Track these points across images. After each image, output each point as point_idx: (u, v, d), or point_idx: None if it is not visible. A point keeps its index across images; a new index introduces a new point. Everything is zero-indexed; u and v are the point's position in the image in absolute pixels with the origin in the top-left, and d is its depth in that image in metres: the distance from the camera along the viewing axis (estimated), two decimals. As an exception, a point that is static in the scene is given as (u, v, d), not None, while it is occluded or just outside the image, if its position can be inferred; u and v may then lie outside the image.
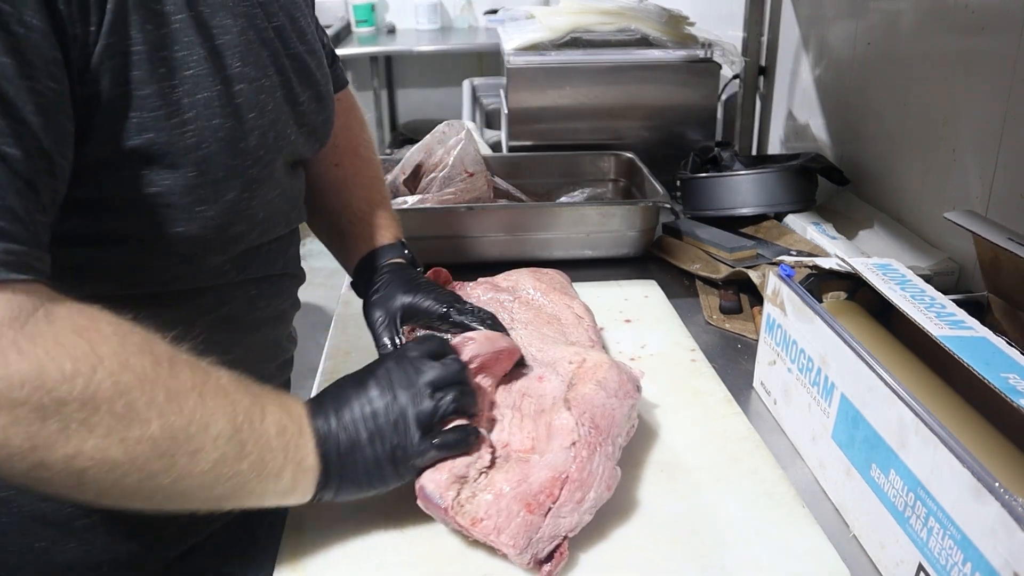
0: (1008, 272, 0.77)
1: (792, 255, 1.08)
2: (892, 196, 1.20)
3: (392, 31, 3.88)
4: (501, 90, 1.70)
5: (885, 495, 0.61)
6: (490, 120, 2.09)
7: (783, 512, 0.67)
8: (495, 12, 1.98)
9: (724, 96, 1.69)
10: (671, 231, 1.26)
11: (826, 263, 0.80)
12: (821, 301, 0.82)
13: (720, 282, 1.10)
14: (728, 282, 1.09)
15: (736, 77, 1.66)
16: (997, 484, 0.50)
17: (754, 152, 1.70)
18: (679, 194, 1.36)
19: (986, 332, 0.63)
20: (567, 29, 1.53)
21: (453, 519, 0.60)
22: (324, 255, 0.94)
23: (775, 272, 0.81)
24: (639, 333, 0.97)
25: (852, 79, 1.29)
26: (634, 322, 0.99)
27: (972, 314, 0.66)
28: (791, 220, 1.26)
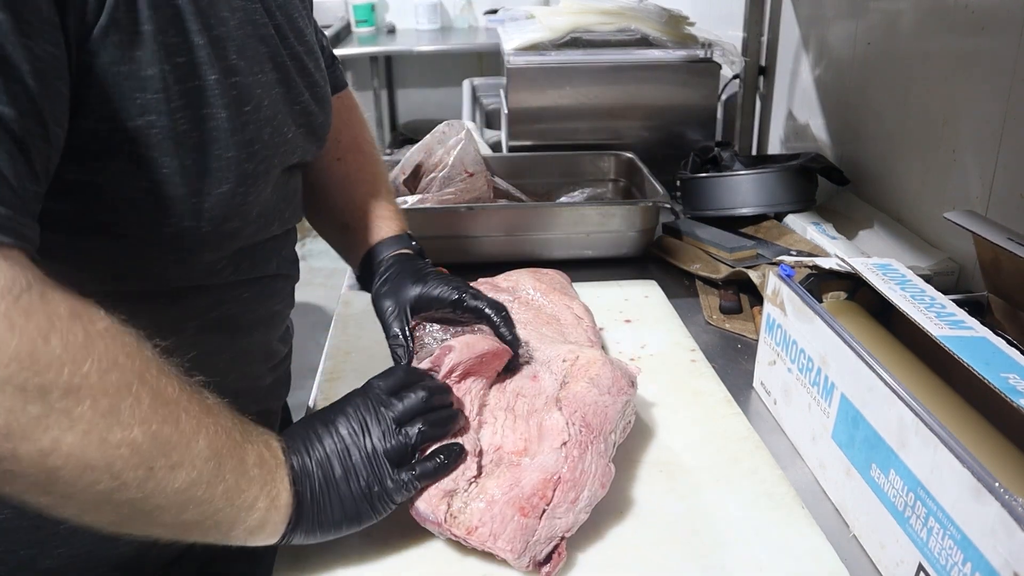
0: (1008, 272, 0.77)
1: (792, 255, 1.08)
2: (892, 196, 1.20)
3: (392, 31, 3.88)
4: (501, 90, 1.70)
5: (885, 495, 0.61)
6: (490, 120, 2.08)
7: (783, 512, 0.67)
8: (495, 12, 1.98)
9: (724, 96, 1.69)
10: (671, 231, 1.26)
11: (826, 263, 0.80)
12: (821, 301, 0.82)
13: (720, 282, 1.09)
14: (728, 282, 1.09)
15: (736, 77, 1.66)
16: (997, 484, 0.50)
17: (754, 152, 1.70)
18: (679, 194, 1.36)
19: (986, 332, 0.63)
20: (567, 29, 1.53)
21: (448, 531, 0.60)
22: (324, 255, 0.94)
23: (775, 272, 0.81)
24: (639, 333, 0.97)
25: (852, 79, 1.29)
26: (634, 322, 0.99)
27: (972, 314, 0.66)
28: (791, 220, 1.26)
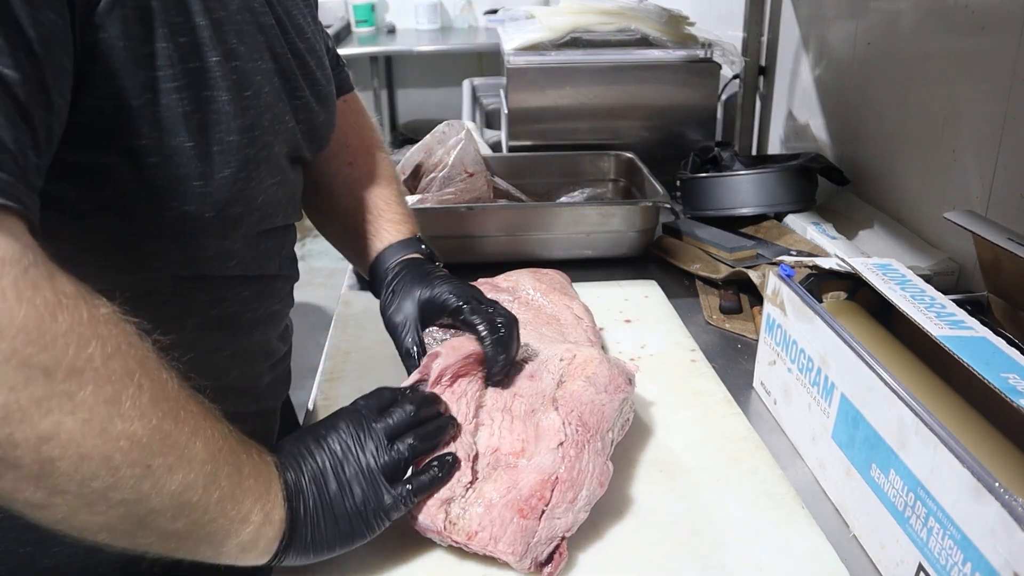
0: (1008, 272, 0.77)
1: (792, 255, 1.08)
2: (892, 196, 1.20)
3: (392, 31, 3.88)
4: (501, 90, 1.70)
5: (885, 495, 0.61)
6: (490, 120, 2.08)
7: (783, 512, 0.67)
8: (495, 12, 1.98)
9: (724, 96, 1.69)
10: (671, 231, 1.26)
11: (826, 263, 0.80)
12: (821, 301, 0.82)
13: (720, 282, 1.09)
14: (728, 282, 1.09)
15: (736, 77, 1.66)
16: (997, 484, 0.50)
17: (754, 152, 1.70)
18: (679, 194, 1.36)
19: (986, 332, 0.63)
20: (567, 29, 1.53)
21: (449, 537, 0.60)
22: (324, 255, 0.94)
23: (775, 272, 0.81)
24: (639, 333, 0.97)
25: (852, 79, 1.29)
26: (634, 322, 0.99)
27: (972, 314, 0.66)
28: (791, 220, 1.26)
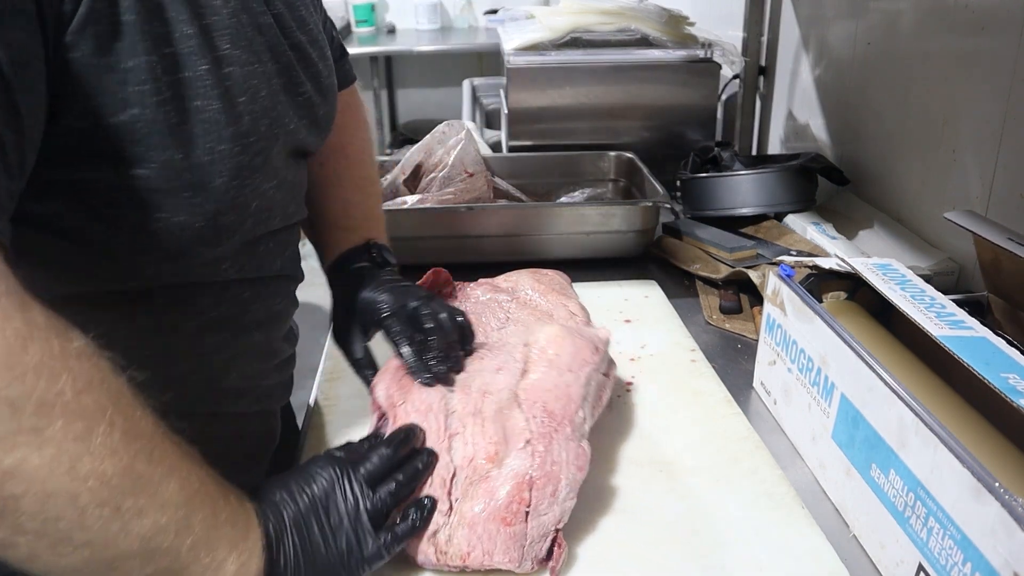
0: (1008, 272, 0.77)
1: (792, 255, 1.08)
2: (892, 196, 1.20)
3: (392, 31, 3.88)
4: (501, 90, 1.70)
5: (885, 495, 0.61)
6: (490, 120, 2.08)
7: (783, 512, 0.67)
8: (495, 12, 1.98)
9: (724, 96, 1.69)
10: (671, 231, 1.26)
11: (826, 263, 0.80)
12: (821, 301, 0.82)
13: (720, 282, 1.09)
14: (728, 282, 1.09)
15: (736, 77, 1.66)
16: (997, 484, 0.50)
17: (754, 152, 1.70)
18: (679, 194, 1.36)
19: (986, 332, 0.63)
20: (567, 29, 1.53)
21: (446, 565, 0.60)
22: (325, 255, 0.93)
23: (775, 272, 0.81)
24: (639, 333, 0.97)
25: (852, 79, 1.29)
26: (634, 322, 0.99)
27: (972, 314, 0.66)
28: (791, 220, 1.26)
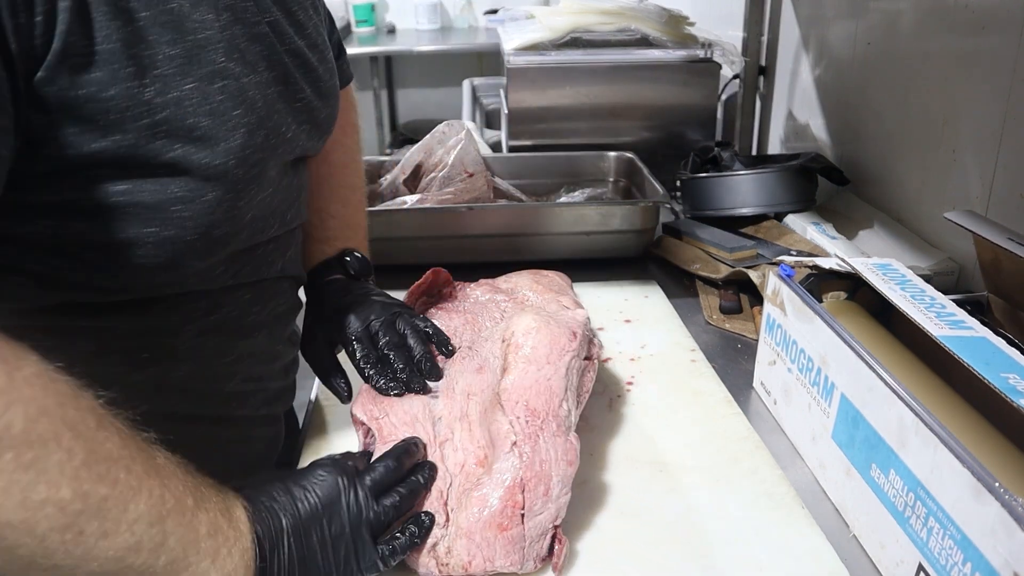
0: (1008, 272, 0.77)
1: (792, 255, 1.08)
2: (892, 196, 1.20)
3: (392, 31, 3.88)
4: (501, 90, 1.70)
5: (885, 495, 0.61)
6: (490, 120, 2.08)
7: (783, 512, 0.67)
8: (495, 12, 1.98)
9: (724, 96, 1.69)
10: (671, 231, 1.26)
11: (826, 263, 0.80)
12: (821, 301, 0.82)
13: (720, 282, 1.09)
14: (728, 282, 1.09)
15: (736, 77, 1.66)
16: (997, 484, 0.50)
17: (754, 152, 1.70)
18: (679, 194, 1.36)
19: (986, 332, 0.63)
20: (567, 29, 1.53)
21: None
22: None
23: (775, 272, 0.81)
24: (639, 333, 0.97)
25: (852, 79, 1.29)
26: (634, 322, 0.99)
27: (972, 314, 0.66)
28: (791, 220, 1.26)
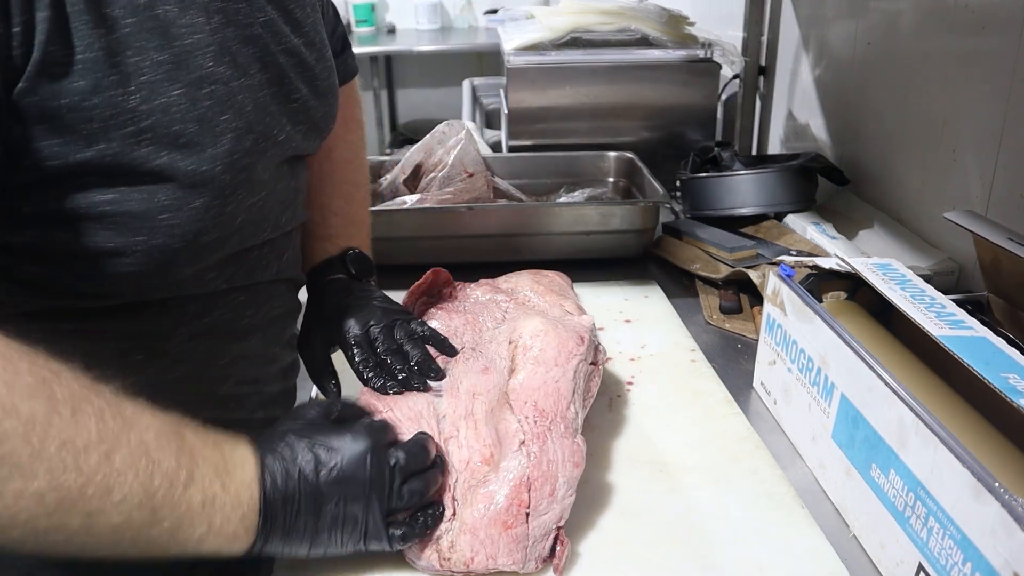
0: (1008, 272, 0.77)
1: (792, 255, 1.08)
2: (892, 196, 1.20)
3: (392, 31, 3.88)
4: (501, 90, 1.70)
5: (885, 495, 0.61)
6: (490, 120, 2.08)
7: (783, 512, 0.67)
8: (495, 12, 1.98)
9: (724, 96, 1.69)
10: (671, 231, 1.26)
11: (826, 263, 0.80)
12: (821, 301, 0.82)
13: (720, 282, 1.09)
14: (728, 282, 1.09)
15: (736, 77, 1.66)
16: (997, 484, 0.50)
17: (754, 152, 1.70)
18: (679, 194, 1.36)
19: (986, 332, 0.63)
20: (567, 29, 1.53)
21: (449, 571, 0.60)
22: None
23: (775, 272, 0.81)
24: (639, 333, 0.97)
25: (852, 79, 1.29)
26: (634, 322, 0.99)
27: (972, 314, 0.66)
28: (791, 220, 1.26)
